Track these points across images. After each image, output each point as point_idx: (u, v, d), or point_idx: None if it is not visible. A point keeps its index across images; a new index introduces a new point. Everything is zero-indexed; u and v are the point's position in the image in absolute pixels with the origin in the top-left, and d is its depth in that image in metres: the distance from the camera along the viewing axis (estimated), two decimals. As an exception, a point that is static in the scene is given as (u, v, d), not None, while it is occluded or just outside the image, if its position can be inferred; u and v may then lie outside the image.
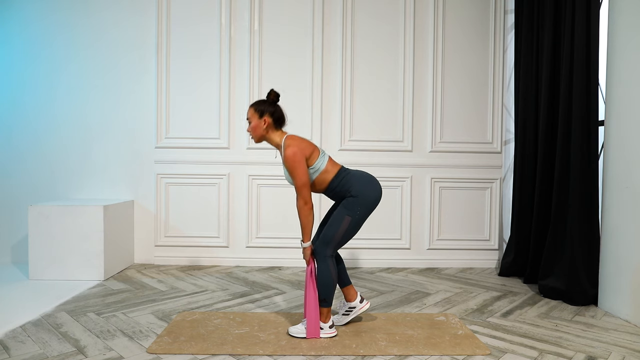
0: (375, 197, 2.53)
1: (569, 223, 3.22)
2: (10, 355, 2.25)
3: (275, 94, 2.56)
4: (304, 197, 2.44)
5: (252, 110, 2.55)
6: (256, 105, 2.55)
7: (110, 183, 4.24)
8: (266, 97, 2.58)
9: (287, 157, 2.44)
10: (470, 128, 4.29)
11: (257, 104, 2.55)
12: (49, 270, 3.61)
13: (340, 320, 2.69)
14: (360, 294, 2.76)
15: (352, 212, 2.48)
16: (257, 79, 4.20)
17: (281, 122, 2.56)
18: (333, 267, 2.50)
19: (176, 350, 2.31)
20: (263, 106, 2.54)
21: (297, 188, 2.45)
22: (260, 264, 4.20)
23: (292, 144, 2.47)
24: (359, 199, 2.48)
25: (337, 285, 2.60)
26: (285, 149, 2.46)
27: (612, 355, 2.33)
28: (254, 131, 2.55)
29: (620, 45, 2.95)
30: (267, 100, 2.56)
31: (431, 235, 4.28)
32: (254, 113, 2.54)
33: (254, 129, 2.55)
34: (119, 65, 4.21)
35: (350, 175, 2.53)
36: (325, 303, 2.51)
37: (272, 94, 2.56)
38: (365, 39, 4.22)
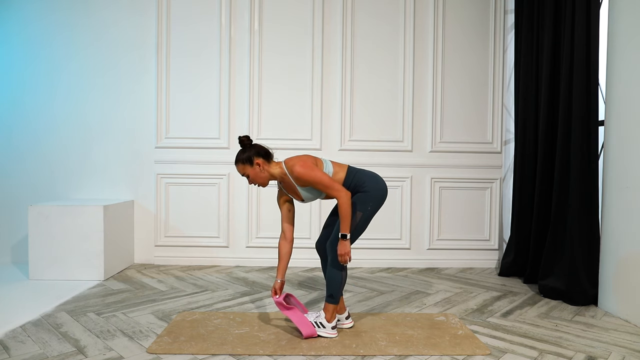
0: (384, 192, 2.57)
1: (569, 223, 3.22)
2: (10, 355, 2.25)
3: (246, 137, 2.54)
4: (340, 190, 2.42)
5: (240, 166, 2.51)
6: (241, 158, 2.50)
7: (110, 183, 4.24)
8: (241, 146, 2.55)
9: (300, 172, 2.42)
10: (470, 128, 4.29)
11: (239, 157, 2.51)
12: (49, 270, 3.61)
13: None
14: (348, 311, 2.74)
15: (364, 208, 2.49)
16: (257, 78, 4.20)
17: (269, 154, 2.54)
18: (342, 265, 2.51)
19: (176, 350, 2.31)
20: (246, 154, 2.50)
21: (328, 188, 2.42)
22: (260, 264, 4.20)
23: (295, 161, 2.47)
24: (370, 194, 2.51)
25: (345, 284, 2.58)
26: (292, 170, 2.45)
27: (612, 355, 2.33)
28: (257, 179, 2.52)
29: (620, 45, 2.95)
30: (244, 147, 2.53)
31: (431, 235, 4.28)
32: (244, 166, 2.50)
33: (255, 177, 2.51)
34: (119, 65, 4.21)
35: (360, 172, 2.57)
36: (332, 299, 2.51)
37: (243, 139, 2.53)
38: (365, 38, 4.22)
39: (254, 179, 2.52)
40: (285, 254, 2.62)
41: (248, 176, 2.52)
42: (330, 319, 2.51)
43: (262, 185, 2.55)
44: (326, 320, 2.51)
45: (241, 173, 2.53)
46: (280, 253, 2.63)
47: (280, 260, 2.62)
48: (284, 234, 2.62)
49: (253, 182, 2.53)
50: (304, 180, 2.44)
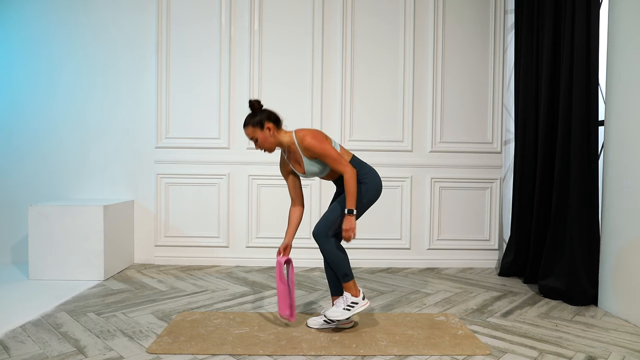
0: (381, 188, 2.61)
1: (569, 223, 3.22)
2: (10, 355, 2.25)
3: (257, 101, 2.53)
4: (347, 165, 2.44)
5: (250, 129, 2.50)
6: (251, 121, 2.50)
7: (110, 183, 4.24)
8: (251, 109, 2.53)
9: (311, 143, 2.42)
10: (470, 128, 4.29)
11: (251, 120, 2.50)
12: (49, 270, 3.61)
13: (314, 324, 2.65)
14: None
15: (360, 196, 2.52)
16: (257, 78, 4.20)
17: (279, 120, 2.55)
18: (338, 243, 2.54)
19: (176, 350, 2.31)
20: (257, 117, 2.49)
21: (336, 162, 2.43)
22: (260, 264, 4.20)
23: (306, 132, 2.48)
24: (369, 187, 2.54)
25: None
26: (302, 140, 2.45)
27: (612, 355, 2.33)
28: (265, 143, 2.51)
29: (620, 45, 2.95)
30: (255, 111, 2.52)
31: (431, 235, 4.28)
32: (254, 129, 2.49)
33: (264, 142, 2.51)
34: (119, 64, 4.21)
35: (362, 163, 2.60)
36: (347, 277, 2.52)
37: (254, 103, 2.52)
38: (365, 38, 4.22)
39: (262, 143, 2.50)
40: (295, 218, 2.66)
41: (256, 140, 2.50)
42: (356, 293, 2.54)
43: (268, 150, 2.54)
44: (354, 297, 2.52)
45: (249, 136, 2.51)
46: (290, 218, 2.67)
47: (289, 225, 2.66)
48: (293, 201, 2.67)
49: (261, 146, 2.52)
50: (313, 151, 2.44)
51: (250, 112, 2.54)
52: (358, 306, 2.52)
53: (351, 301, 2.52)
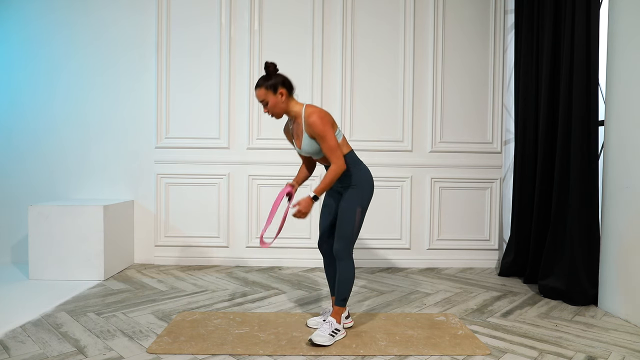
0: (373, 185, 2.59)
1: (569, 223, 3.22)
2: (10, 355, 2.25)
3: (273, 64, 2.46)
4: (340, 158, 2.40)
5: (263, 90, 2.42)
6: (265, 83, 2.42)
7: (110, 183, 4.24)
8: (266, 72, 2.46)
9: (315, 122, 2.37)
10: (470, 128, 4.29)
11: (265, 82, 2.42)
12: (49, 270, 3.61)
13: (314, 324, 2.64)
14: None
15: (363, 202, 2.49)
16: (257, 78, 4.17)
17: (292, 88, 2.50)
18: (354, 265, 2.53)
19: (176, 350, 2.31)
20: (272, 81, 2.42)
21: (331, 150, 2.38)
22: (260, 264, 4.20)
23: (315, 110, 2.43)
24: (366, 186, 2.51)
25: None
26: (308, 116, 2.41)
27: (612, 355, 2.33)
28: (275, 108, 2.45)
29: (620, 45, 2.95)
30: (270, 74, 2.45)
31: (431, 235, 4.28)
32: (266, 92, 2.42)
33: (274, 106, 2.44)
34: (119, 64, 4.21)
35: (358, 160, 2.56)
36: (344, 302, 2.51)
37: (270, 65, 2.45)
38: (365, 38, 4.22)
39: (272, 107, 2.44)
40: (303, 172, 2.69)
41: (266, 104, 2.44)
42: (339, 320, 2.51)
43: (276, 116, 2.48)
44: (338, 324, 2.48)
45: (260, 99, 2.44)
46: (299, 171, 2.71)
47: (298, 174, 2.68)
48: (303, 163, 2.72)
49: (270, 111, 2.46)
50: (314, 130, 2.39)
51: (265, 74, 2.47)
52: (339, 334, 2.48)
53: (335, 327, 2.45)
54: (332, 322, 2.46)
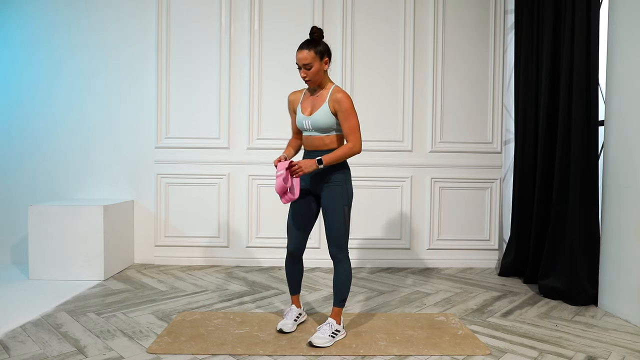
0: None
1: (569, 223, 3.22)
2: (10, 355, 2.25)
3: (320, 29, 2.40)
4: (359, 140, 2.41)
5: (312, 54, 2.35)
6: (315, 47, 2.36)
7: (110, 183, 4.24)
8: (311, 37, 2.39)
9: (344, 98, 2.38)
10: (470, 128, 4.29)
11: (315, 46, 2.36)
12: (49, 270, 3.61)
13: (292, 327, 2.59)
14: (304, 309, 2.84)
15: (349, 200, 2.50)
16: (257, 78, 4.20)
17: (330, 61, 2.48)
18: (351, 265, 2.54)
19: (176, 350, 2.31)
20: (322, 47, 2.38)
21: (353, 128, 2.40)
22: (260, 264, 4.20)
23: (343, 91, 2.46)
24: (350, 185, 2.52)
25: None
26: (337, 91, 2.42)
27: (612, 355, 2.33)
28: (315, 76, 2.40)
29: (620, 45, 2.95)
30: (317, 39, 2.39)
31: (431, 235, 4.28)
32: (314, 56, 2.36)
33: (316, 73, 2.39)
34: (119, 64, 4.21)
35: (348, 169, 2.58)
36: (343, 303, 2.53)
37: (318, 31, 2.39)
38: (365, 38, 4.22)
39: (314, 73, 2.39)
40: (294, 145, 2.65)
41: (309, 68, 2.38)
42: (340, 321, 2.52)
43: (312, 83, 2.44)
44: (338, 325, 2.49)
45: (305, 62, 2.36)
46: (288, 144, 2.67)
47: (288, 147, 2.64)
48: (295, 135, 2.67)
49: (310, 76, 2.40)
50: (341, 106, 2.39)
51: (310, 39, 2.40)
52: (340, 334, 2.48)
53: (335, 329, 2.45)
54: (332, 324, 2.46)
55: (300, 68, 2.41)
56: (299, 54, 2.39)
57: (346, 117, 2.40)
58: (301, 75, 2.44)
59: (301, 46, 2.40)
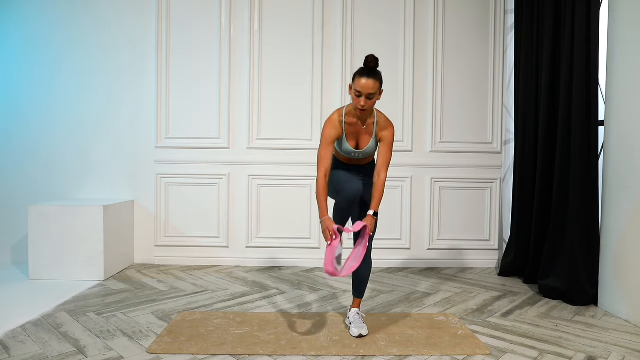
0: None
1: (569, 223, 3.22)
2: (10, 355, 2.25)
3: (376, 59, 2.35)
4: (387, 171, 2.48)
5: (377, 85, 2.34)
6: (379, 78, 2.35)
7: (110, 183, 4.24)
8: (371, 65, 2.34)
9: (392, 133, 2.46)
10: (470, 128, 4.29)
11: (379, 76, 2.35)
12: (49, 270, 3.61)
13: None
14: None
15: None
16: (257, 78, 4.20)
17: None
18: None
19: (176, 350, 2.31)
20: (380, 77, 2.37)
21: (388, 161, 2.47)
22: (260, 264, 4.20)
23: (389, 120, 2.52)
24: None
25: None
26: (388, 122, 2.49)
27: (612, 355, 2.33)
28: (372, 105, 2.39)
29: (620, 45, 2.95)
30: (375, 68, 2.35)
31: (431, 235, 4.28)
32: (378, 87, 2.35)
33: (373, 103, 2.39)
34: (119, 63, 4.21)
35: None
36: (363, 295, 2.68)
37: (373, 60, 2.34)
38: (365, 38, 4.22)
39: (371, 104, 2.38)
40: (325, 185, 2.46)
41: (371, 98, 2.35)
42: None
43: (368, 113, 2.43)
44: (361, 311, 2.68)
45: (369, 91, 2.32)
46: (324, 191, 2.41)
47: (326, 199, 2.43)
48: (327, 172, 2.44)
49: (368, 106, 2.36)
50: (388, 136, 2.46)
51: (369, 67, 2.35)
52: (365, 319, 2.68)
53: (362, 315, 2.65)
54: (360, 312, 2.64)
55: (360, 96, 2.34)
56: (366, 83, 2.31)
57: (387, 149, 2.49)
58: (359, 104, 2.35)
59: (366, 74, 2.33)
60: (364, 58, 2.39)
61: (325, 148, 2.45)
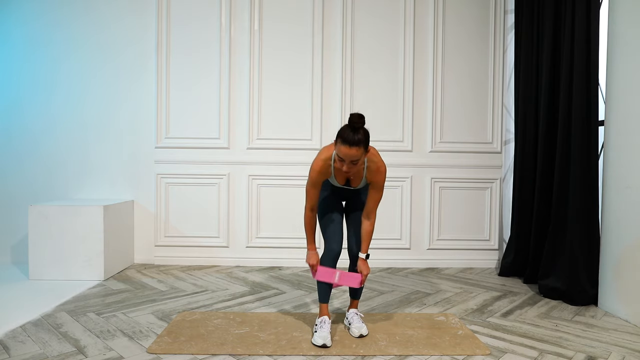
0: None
1: (569, 223, 3.22)
2: (10, 355, 2.25)
3: (362, 118, 2.20)
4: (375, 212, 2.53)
5: (362, 150, 2.20)
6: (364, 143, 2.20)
7: (110, 183, 4.24)
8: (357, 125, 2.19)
9: (383, 175, 2.42)
10: (470, 128, 4.29)
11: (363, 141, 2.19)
12: (49, 270, 3.61)
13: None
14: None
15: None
16: (257, 78, 4.20)
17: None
18: None
19: (176, 350, 2.31)
20: (366, 137, 2.22)
21: (377, 204, 2.49)
22: (260, 264, 4.20)
23: (380, 160, 2.44)
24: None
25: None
26: (380, 165, 2.42)
27: (612, 355, 2.33)
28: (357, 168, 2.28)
29: (620, 45, 2.95)
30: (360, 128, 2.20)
31: (431, 235, 4.28)
32: (363, 152, 2.22)
33: (360, 166, 2.31)
34: (119, 63, 4.21)
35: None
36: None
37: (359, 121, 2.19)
38: (365, 38, 4.22)
39: (358, 167, 2.27)
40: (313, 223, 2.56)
41: (357, 163, 2.23)
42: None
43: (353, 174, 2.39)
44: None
45: (354, 158, 2.20)
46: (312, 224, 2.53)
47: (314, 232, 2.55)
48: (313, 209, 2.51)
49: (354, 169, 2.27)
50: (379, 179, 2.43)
51: (354, 128, 2.20)
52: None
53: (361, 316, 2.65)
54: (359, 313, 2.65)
55: (343, 160, 2.24)
56: (349, 151, 2.18)
57: (378, 192, 2.47)
58: (343, 169, 2.25)
59: (349, 142, 2.18)
60: (349, 116, 2.22)
61: (312, 188, 2.44)
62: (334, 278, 2.45)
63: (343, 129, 2.24)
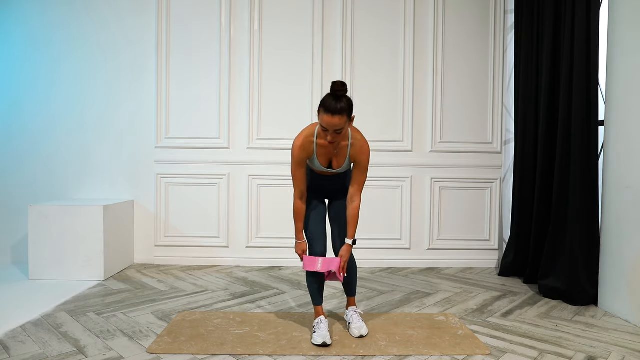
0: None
1: (569, 223, 3.22)
2: (10, 355, 2.25)
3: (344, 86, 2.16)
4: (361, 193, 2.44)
5: (345, 119, 2.14)
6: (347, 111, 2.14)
7: (110, 183, 4.24)
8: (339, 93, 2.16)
9: (367, 154, 2.35)
10: (470, 128, 4.29)
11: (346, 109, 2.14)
12: (49, 270, 3.61)
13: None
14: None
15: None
16: (257, 78, 4.20)
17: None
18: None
19: (176, 350, 2.31)
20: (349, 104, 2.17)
21: (362, 185, 2.41)
22: (260, 264, 4.20)
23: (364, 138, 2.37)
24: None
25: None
26: (363, 143, 2.36)
27: (612, 355, 2.33)
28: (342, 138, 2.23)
29: (620, 45, 2.95)
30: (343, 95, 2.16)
31: (431, 235, 4.28)
32: (347, 121, 2.17)
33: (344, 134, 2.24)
34: (119, 63, 4.21)
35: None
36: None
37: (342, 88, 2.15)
38: (365, 38, 4.22)
39: (343, 135, 2.23)
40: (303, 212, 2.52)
41: (341, 132, 2.18)
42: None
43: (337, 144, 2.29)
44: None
45: (338, 127, 2.14)
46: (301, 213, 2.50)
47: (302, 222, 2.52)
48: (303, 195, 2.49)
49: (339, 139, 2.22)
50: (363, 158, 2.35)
51: (337, 96, 2.16)
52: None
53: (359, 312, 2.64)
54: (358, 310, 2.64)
55: (326, 130, 2.19)
56: (332, 120, 2.13)
57: (362, 173, 2.39)
58: (328, 139, 2.21)
59: (332, 110, 2.13)
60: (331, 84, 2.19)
61: (297, 168, 2.40)
62: (317, 265, 2.42)
63: (325, 98, 2.19)
